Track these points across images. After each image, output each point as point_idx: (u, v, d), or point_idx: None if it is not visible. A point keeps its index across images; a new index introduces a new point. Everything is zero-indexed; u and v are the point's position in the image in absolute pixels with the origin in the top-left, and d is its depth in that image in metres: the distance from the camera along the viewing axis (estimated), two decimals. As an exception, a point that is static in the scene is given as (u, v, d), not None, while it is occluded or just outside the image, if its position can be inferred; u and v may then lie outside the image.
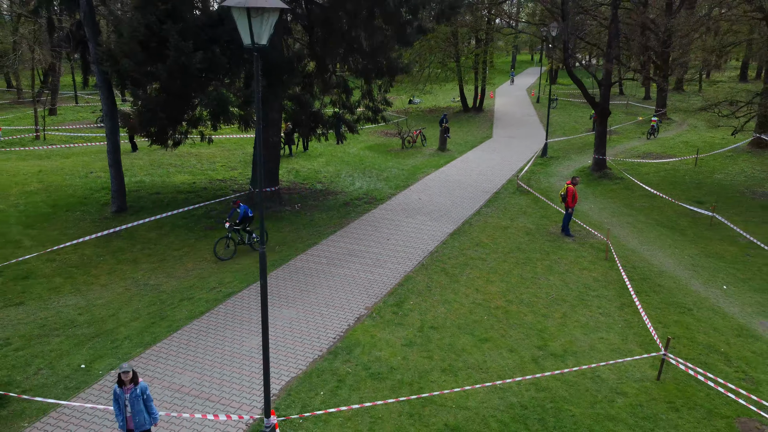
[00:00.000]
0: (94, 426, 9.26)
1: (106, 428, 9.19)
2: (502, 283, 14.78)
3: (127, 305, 13.59)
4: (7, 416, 9.55)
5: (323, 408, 9.66)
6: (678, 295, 14.47)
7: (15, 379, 10.44)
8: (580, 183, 24.91)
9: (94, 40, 18.35)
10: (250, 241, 16.99)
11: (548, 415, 9.75)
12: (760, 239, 17.87)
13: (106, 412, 9.54)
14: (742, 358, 11.70)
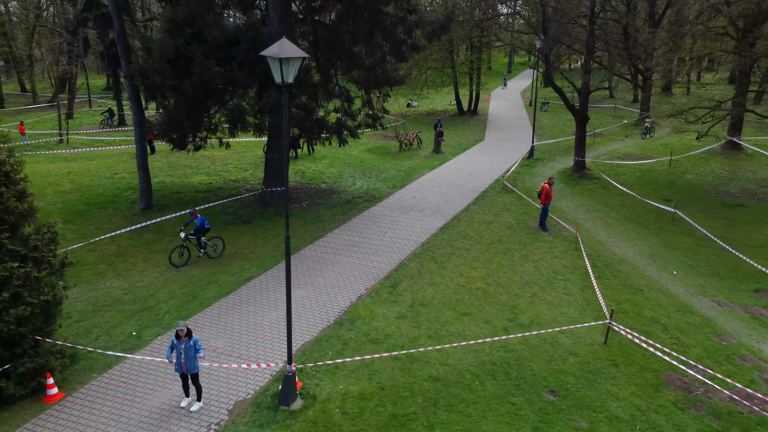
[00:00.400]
0: (151, 375, 11.66)
1: (162, 375, 11.59)
2: (483, 269, 17.14)
3: (163, 287, 15.98)
4: (80, 369, 11.93)
5: (331, 365, 12.05)
6: (633, 278, 16.84)
7: (80, 343, 12.81)
8: (561, 183, 27.36)
9: (126, 57, 20.75)
10: (205, 250, 17.86)
11: (512, 370, 12.12)
12: (714, 232, 20.23)
13: (162, 364, 11.94)
14: (678, 328, 14.06)
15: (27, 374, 10.78)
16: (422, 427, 10.34)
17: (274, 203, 22.90)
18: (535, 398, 11.20)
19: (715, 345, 13.33)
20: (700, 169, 30.64)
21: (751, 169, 30.49)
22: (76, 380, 11.61)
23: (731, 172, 29.99)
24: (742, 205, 24.48)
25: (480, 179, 27.83)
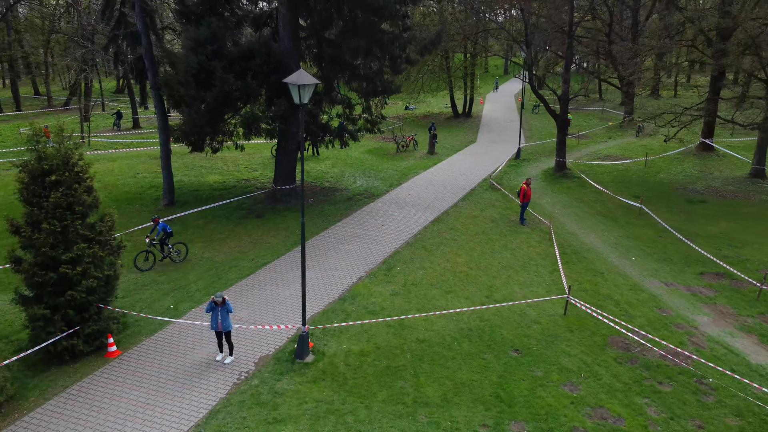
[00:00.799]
0: (191, 336, 14.27)
1: (199, 337, 14.19)
2: (466, 256, 19.74)
3: (191, 270, 18.58)
4: (131, 333, 14.54)
5: (337, 327, 14.65)
6: (596, 263, 19.43)
7: (128, 314, 15.40)
8: (543, 181, 29.95)
9: (153, 70, 23.36)
10: (169, 254, 18.95)
11: (485, 334, 14.71)
12: (673, 225, 22.81)
13: (200, 327, 14.55)
14: (628, 303, 16.65)
15: (92, 335, 13.38)
16: (410, 375, 12.94)
17: (283, 200, 25.50)
18: (502, 355, 13.79)
19: (657, 316, 15.91)
20: (672, 168, 33.25)
21: (719, 168, 33.10)
22: (129, 341, 14.21)
23: (701, 171, 32.59)
24: (704, 201, 27.07)
25: (469, 178, 30.43)
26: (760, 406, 11.95)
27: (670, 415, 11.69)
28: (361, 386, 12.46)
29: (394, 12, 22.70)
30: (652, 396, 12.30)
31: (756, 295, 17.04)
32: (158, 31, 25.60)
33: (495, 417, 11.56)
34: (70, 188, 12.75)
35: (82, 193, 12.90)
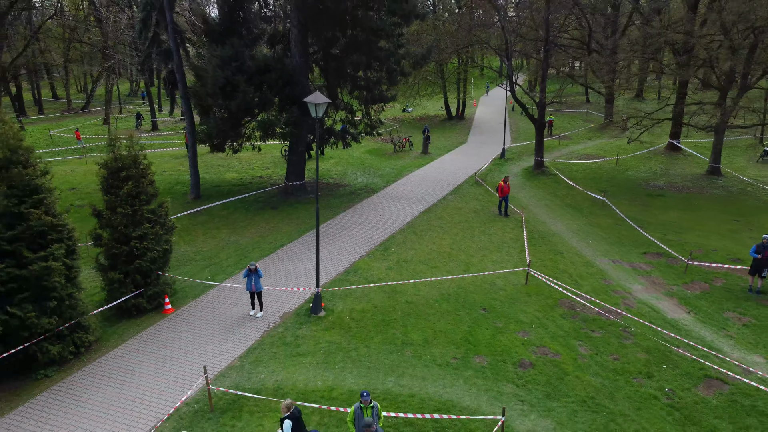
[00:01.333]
0: (228, 298, 18.05)
1: (236, 298, 17.95)
2: (450, 239, 23.50)
3: (221, 250, 22.35)
4: (181, 296, 18.31)
5: (344, 290, 18.43)
6: (558, 246, 23.17)
7: (178, 280, 19.16)
8: (523, 178, 33.69)
9: (183, 82, 27.12)
10: None
11: (460, 298, 18.46)
12: (629, 215, 26.53)
13: (235, 290, 18.32)
14: (579, 275, 20.40)
15: (153, 296, 17.15)
16: (399, 326, 16.70)
17: (294, 194, 29.27)
18: (472, 312, 17.55)
19: (600, 285, 19.66)
20: (640, 166, 36.99)
21: (682, 167, 36.84)
22: (180, 302, 17.99)
23: (665, 169, 36.34)
24: (662, 195, 30.82)
25: (458, 175, 34.18)
26: (666, 345, 15.69)
27: (596, 351, 15.45)
28: (362, 333, 16.24)
29: (390, 32, 26.45)
30: (585, 340, 16.06)
31: (684, 269, 20.80)
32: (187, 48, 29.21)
33: (463, 353, 15.32)
34: (138, 181, 16.52)
35: (146, 185, 16.68)
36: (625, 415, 12.87)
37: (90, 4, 51.61)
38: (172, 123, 54.78)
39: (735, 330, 16.61)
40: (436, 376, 14.27)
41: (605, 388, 13.86)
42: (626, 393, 13.67)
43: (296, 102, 26.72)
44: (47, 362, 14.16)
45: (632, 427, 12.44)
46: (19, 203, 13.33)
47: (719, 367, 14.52)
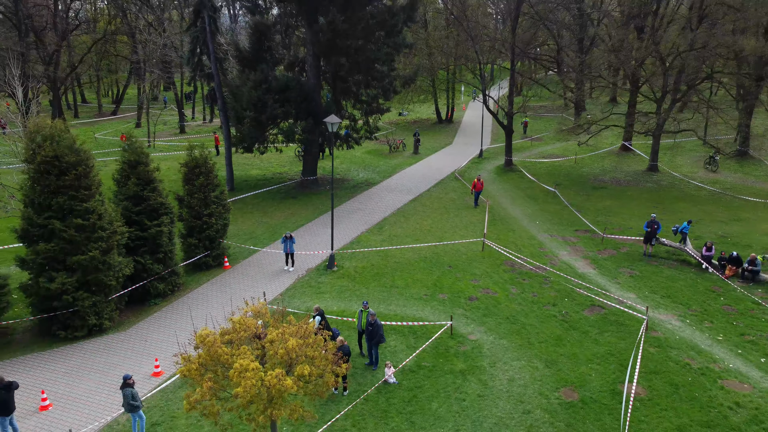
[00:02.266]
0: (269, 259, 25.20)
1: (274, 259, 25.10)
2: (430, 220, 30.60)
3: (257, 228, 29.47)
4: (234, 257, 25.44)
5: (350, 253, 25.58)
6: (512, 225, 30.26)
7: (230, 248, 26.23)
8: (494, 174, 40.76)
9: (222, 99, 34.20)
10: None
11: (433, 259, 25.56)
12: (573, 202, 33.57)
13: (274, 253, 25.49)
14: (523, 245, 27.48)
15: (216, 256, 24.26)
16: (389, 276, 23.79)
17: (309, 187, 36.36)
18: (441, 268, 24.64)
19: (537, 251, 26.73)
20: (595, 164, 44.09)
21: (629, 165, 43.91)
22: (234, 261, 25.12)
23: (614, 166, 43.43)
24: (605, 187, 37.90)
25: (442, 172, 41.27)
26: (572, 288, 22.76)
27: (522, 291, 22.55)
28: (363, 280, 23.36)
29: (384, 59, 33.52)
30: (516, 285, 23.17)
31: (601, 240, 27.90)
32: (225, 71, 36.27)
33: (431, 292, 22.43)
34: (207, 175, 23.61)
35: (213, 178, 23.77)
36: (532, 325, 19.97)
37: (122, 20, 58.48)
38: (195, 126, 61.88)
39: (623, 279, 23.75)
40: (412, 305, 21.41)
41: (523, 311, 20.98)
42: (536, 314, 20.78)
43: (311, 114, 33.82)
44: (156, 295, 21.27)
45: (535, 330, 19.56)
46: (142, 189, 20.43)
47: (602, 299, 21.64)
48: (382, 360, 17.41)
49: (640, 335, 18.80)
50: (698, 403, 15.59)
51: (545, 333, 19.38)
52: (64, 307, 18.18)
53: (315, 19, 31.84)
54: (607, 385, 16.47)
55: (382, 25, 32.45)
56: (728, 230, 29.34)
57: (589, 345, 18.60)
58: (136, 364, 17.63)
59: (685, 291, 22.57)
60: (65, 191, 17.75)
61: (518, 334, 19.36)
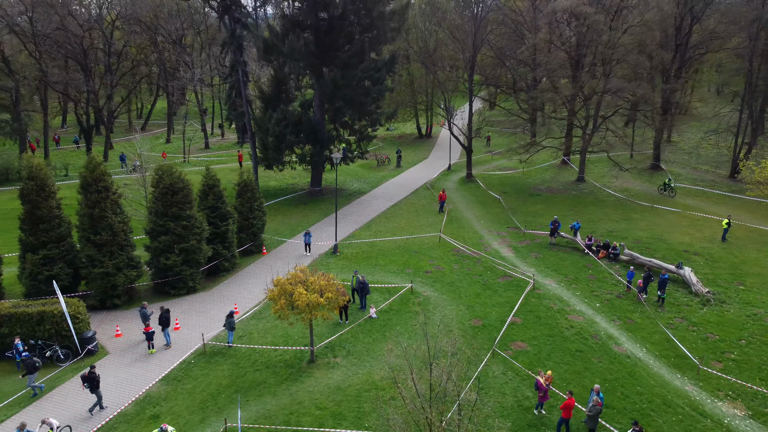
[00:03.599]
0: (293, 247, 36.62)
1: (297, 248, 36.50)
2: (405, 221, 42.04)
3: (280, 226, 40.80)
4: (268, 246, 36.83)
5: (348, 243, 37.01)
6: (463, 224, 41.73)
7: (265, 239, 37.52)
8: (458, 184, 52.25)
9: (251, 131, 45.45)
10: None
11: (405, 248, 36.94)
12: (510, 206, 45.05)
13: (296, 244, 36.91)
14: (468, 238, 38.93)
15: (257, 245, 35.61)
16: (375, 258, 35.18)
17: (315, 195, 47.71)
18: (409, 253, 36.05)
19: (477, 242, 38.17)
20: (538, 176, 55.64)
21: (565, 176, 55.45)
22: (269, 249, 36.47)
23: (553, 178, 54.97)
24: (539, 194, 49.41)
25: (417, 182, 52.68)
26: (494, 265, 34.19)
27: (461, 267, 33.99)
28: (358, 261, 34.75)
29: (371, 101, 44.93)
30: (458, 263, 34.61)
31: (522, 234, 39.40)
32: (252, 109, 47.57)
33: (402, 268, 33.84)
34: (253, 192, 34.93)
35: (255, 193, 35.11)
36: (463, 287, 31.39)
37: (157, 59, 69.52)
38: (215, 142, 73.04)
39: (531, 260, 35.27)
40: (388, 275, 32.82)
41: (459, 279, 32.43)
42: (467, 281, 32.23)
43: (318, 141, 45.15)
44: (223, 269, 32.55)
45: (464, 290, 30.94)
46: (216, 202, 31.71)
47: (512, 272, 33.11)
48: (368, 305, 28.81)
49: (525, 291, 30.36)
50: (548, 326, 27.09)
51: (470, 291, 30.86)
52: (174, 275, 29.47)
53: (321, 75, 43.22)
54: (500, 317, 27.93)
55: (370, 77, 43.85)
56: (616, 227, 40.92)
57: (496, 297, 30.10)
58: (220, 308, 28.95)
59: (568, 266, 34.15)
60: (176, 205, 29.00)
61: (454, 292, 30.82)
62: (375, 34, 43.15)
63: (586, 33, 45.65)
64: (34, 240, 26.94)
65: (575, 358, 24.34)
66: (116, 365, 24.05)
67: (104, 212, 27.36)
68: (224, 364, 24.21)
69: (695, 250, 35.85)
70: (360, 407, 20.88)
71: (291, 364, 23.98)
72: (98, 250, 27.49)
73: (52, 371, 23.55)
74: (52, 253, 27.09)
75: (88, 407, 21.06)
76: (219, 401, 21.67)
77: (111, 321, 27.47)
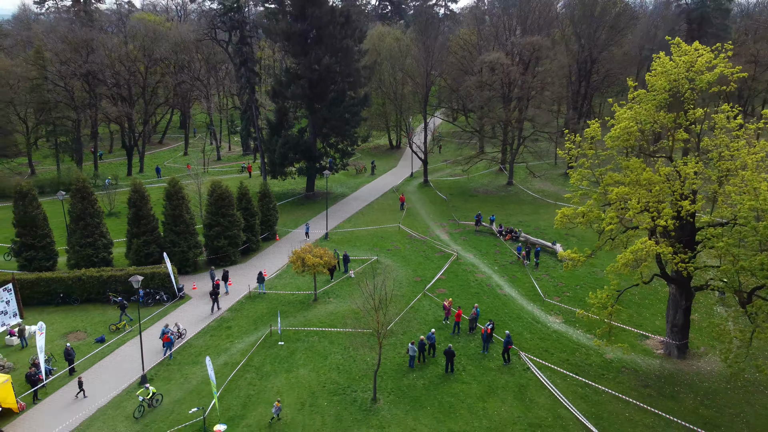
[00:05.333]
0: (297, 235, 52.20)
1: (299, 234, 52.06)
2: (376, 216, 57.71)
3: (286, 220, 56.19)
4: (280, 234, 52.30)
5: (335, 232, 52.65)
6: (417, 218, 57.46)
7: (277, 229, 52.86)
8: (416, 188, 68.14)
9: (262, 151, 60.67)
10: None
11: (375, 235, 52.62)
12: (453, 204, 60.88)
13: (299, 232, 52.52)
14: (420, 227, 54.63)
15: (272, 233, 51.06)
16: (355, 241, 50.80)
17: (310, 198, 63.15)
18: (378, 238, 51.69)
19: (425, 230, 53.84)
20: (479, 181, 71.65)
21: (499, 181, 71.48)
22: (281, 235, 51.92)
23: (489, 182, 71.03)
24: (476, 195, 65.33)
25: (386, 187, 68.34)
26: (435, 244, 49.96)
27: (412, 247, 49.71)
28: (344, 243, 50.32)
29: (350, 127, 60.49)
30: (410, 245, 50.29)
31: (457, 225, 55.27)
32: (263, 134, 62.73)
33: (372, 247, 49.50)
34: (269, 197, 50.32)
35: (271, 198, 50.52)
36: (412, 259, 47.10)
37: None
38: (225, 154, 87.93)
39: (459, 241, 51.16)
40: (362, 252, 48.38)
41: (409, 254, 48.16)
42: (414, 255, 47.91)
43: (311, 158, 60.54)
44: (251, 250, 47.91)
45: (412, 261, 46.66)
46: (247, 205, 47.01)
47: (445, 249, 48.91)
48: (349, 269, 44.37)
49: (450, 260, 46.21)
50: (461, 280, 42.91)
51: (415, 261, 46.65)
52: (223, 253, 44.76)
53: (313, 111, 58.69)
54: (432, 275, 43.64)
55: (349, 111, 59.34)
56: (526, 218, 56.94)
57: (431, 264, 45.87)
58: (253, 272, 44.27)
59: (483, 245, 50.08)
60: (223, 207, 44.26)
61: (405, 262, 46.56)
62: (352, 80, 58.66)
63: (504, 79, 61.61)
64: (137, 230, 42.08)
65: (473, 296, 40.21)
66: (197, 304, 39.33)
67: (180, 212, 42.55)
68: (262, 302, 39.68)
69: (573, 234, 52.06)
70: (344, 321, 36.43)
71: (302, 301, 39.54)
72: (177, 237, 42.69)
73: (160, 307, 38.74)
74: (148, 239, 42.26)
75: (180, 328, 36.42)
76: (263, 320, 37.12)
77: (188, 281, 42.68)
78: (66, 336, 34.92)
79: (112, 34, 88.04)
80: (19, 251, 41.66)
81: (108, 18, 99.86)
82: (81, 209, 41.41)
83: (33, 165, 74.16)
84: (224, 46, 68.81)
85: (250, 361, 32.40)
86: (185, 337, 34.92)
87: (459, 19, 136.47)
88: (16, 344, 33.89)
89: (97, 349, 33.65)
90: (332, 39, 55.30)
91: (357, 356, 32.67)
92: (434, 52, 63.10)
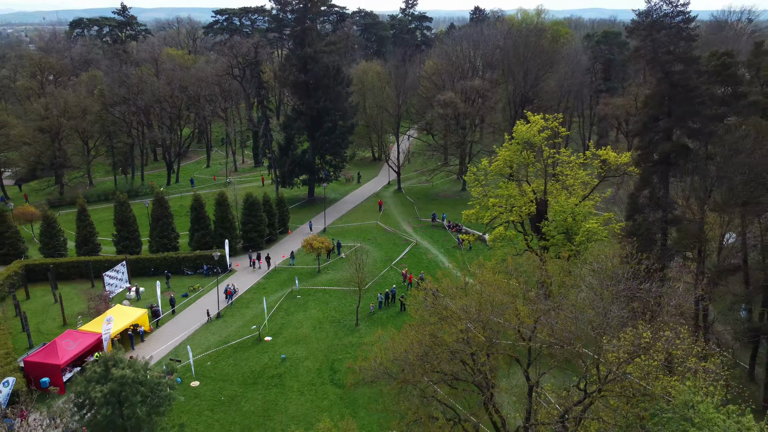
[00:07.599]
0: (303, 229, 71.84)
1: (305, 229, 71.63)
2: (361, 215, 77.31)
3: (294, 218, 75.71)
4: (292, 229, 71.88)
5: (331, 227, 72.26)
6: (391, 217, 77.04)
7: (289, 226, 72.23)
8: (392, 194, 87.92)
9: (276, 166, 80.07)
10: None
11: (360, 229, 72.23)
12: (419, 206, 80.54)
13: (305, 227, 72.18)
14: (392, 224, 74.35)
15: (285, 228, 70.56)
16: (345, 235, 70.38)
17: (311, 201, 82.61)
18: (363, 231, 71.32)
19: (396, 225, 73.49)
20: (441, 187, 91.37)
21: (456, 187, 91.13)
22: (293, 229, 71.45)
23: (448, 188, 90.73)
24: (437, 199, 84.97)
25: (370, 192, 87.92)
26: (397, 235, 69.54)
27: (386, 238, 69.33)
28: (340, 235, 69.89)
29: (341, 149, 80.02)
30: (384, 236, 69.86)
31: (418, 221, 74.93)
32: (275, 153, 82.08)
33: (357, 238, 69.12)
34: (283, 203, 69.80)
35: (285, 203, 70.00)
36: (383, 244, 66.75)
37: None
38: (240, 167, 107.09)
39: (420, 233, 70.89)
40: (350, 240, 67.97)
41: (384, 242, 67.80)
42: (387, 242, 67.56)
43: (311, 172, 79.98)
44: (272, 240, 67.36)
45: (383, 245, 66.30)
46: (269, 209, 66.39)
47: (408, 238, 68.58)
48: (341, 252, 63.92)
49: (411, 245, 65.95)
50: (417, 258, 62.68)
51: (385, 246, 66.38)
52: (254, 242, 64.19)
53: (313, 138, 78.17)
54: (397, 255, 63.38)
55: (340, 137, 78.81)
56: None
57: (398, 249, 65.57)
58: (278, 254, 63.67)
59: (437, 236, 69.80)
60: (254, 209, 63.66)
61: (378, 245, 66.27)
62: (342, 114, 78.19)
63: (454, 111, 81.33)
64: (197, 227, 61.44)
65: (422, 266, 59.88)
66: (241, 276, 58.73)
67: (226, 215, 61.89)
68: (284, 273, 59.23)
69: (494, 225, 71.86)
70: (338, 283, 55.89)
71: (310, 273, 59.16)
72: (224, 231, 62.05)
73: (217, 277, 58.16)
74: (204, 233, 61.63)
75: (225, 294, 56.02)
76: (286, 283, 56.63)
77: (231, 261, 61.95)
78: (164, 293, 54.36)
79: (144, 68, 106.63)
80: (118, 241, 60.93)
81: (139, 54, 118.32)
82: (159, 212, 60.67)
83: (91, 177, 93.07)
84: (243, 86, 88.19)
85: (281, 306, 51.96)
86: (239, 292, 54.46)
87: (435, 43, 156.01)
88: (133, 297, 53.22)
89: (184, 301, 53.11)
90: (327, 86, 74.76)
91: (346, 303, 52.35)
92: (404, 91, 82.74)
